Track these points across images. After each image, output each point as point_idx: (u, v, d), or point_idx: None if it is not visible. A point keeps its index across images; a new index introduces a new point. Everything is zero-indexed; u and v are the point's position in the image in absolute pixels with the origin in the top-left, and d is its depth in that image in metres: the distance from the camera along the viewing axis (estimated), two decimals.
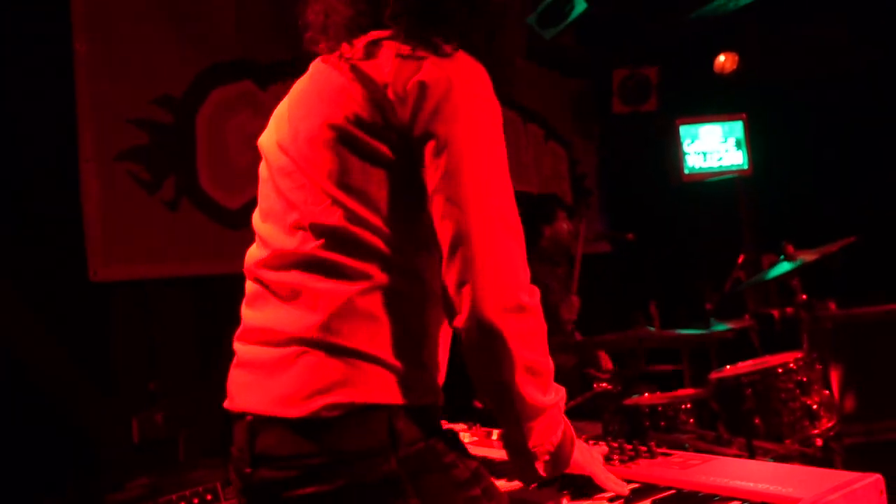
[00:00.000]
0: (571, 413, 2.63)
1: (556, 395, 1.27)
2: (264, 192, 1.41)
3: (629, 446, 1.60)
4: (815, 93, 5.60)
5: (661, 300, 4.66)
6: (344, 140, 1.24)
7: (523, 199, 3.70)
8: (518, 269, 1.22)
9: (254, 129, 1.56)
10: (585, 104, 5.67)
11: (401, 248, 1.25)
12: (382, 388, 1.21)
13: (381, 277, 1.23)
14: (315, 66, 1.41)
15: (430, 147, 1.20)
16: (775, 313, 4.37)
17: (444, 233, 1.20)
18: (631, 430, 3.25)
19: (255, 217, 1.41)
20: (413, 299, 1.28)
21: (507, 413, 1.23)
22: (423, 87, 1.20)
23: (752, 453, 2.50)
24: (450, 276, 1.20)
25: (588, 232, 4.63)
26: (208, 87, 3.41)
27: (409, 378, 1.24)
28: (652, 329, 2.74)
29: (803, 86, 5.62)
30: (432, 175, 1.21)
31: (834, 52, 5.48)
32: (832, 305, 4.44)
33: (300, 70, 1.45)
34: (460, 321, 1.19)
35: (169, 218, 3.29)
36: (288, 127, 1.36)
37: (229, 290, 1.62)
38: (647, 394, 3.46)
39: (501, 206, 1.22)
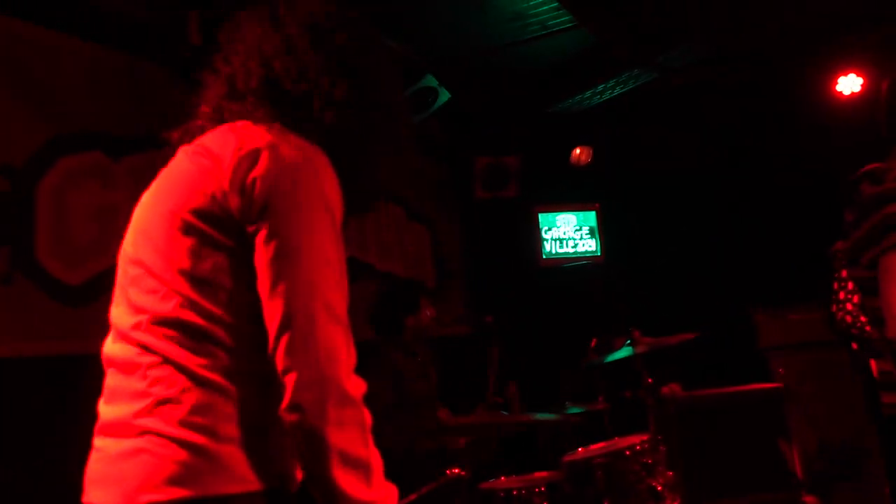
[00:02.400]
0: (424, 500, 2.60)
1: (384, 492, 1.27)
2: (118, 288, 1.39)
3: None
4: (663, 187, 6.05)
5: (522, 382, 4.75)
6: (190, 232, 1.27)
7: (387, 281, 3.70)
8: (340, 359, 1.24)
9: (103, 201, 1.54)
10: (449, 188, 5.84)
11: (247, 337, 1.27)
12: (226, 478, 1.21)
13: (226, 368, 1.25)
14: (177, 154, 1.43)
15: (260, 238, 1.24)
16: (627, 395, 4.55)
17: (270, 322, 1.23)
18: None
19: (112, 309, 1.39)
20: (258, 389, 1.28)
21: None
22: (256, 180, 1.25)
23: None
24: (276, 364, 1.22)
25: (447, 314, 4.70)
26: (54, 157, 3.23)
27: (255, 466, 1.24)
28: (505, 413, 2.76)
29: (652, 180, 6.06)
30: (261, 265, 1.24)
31: (681, 150, 5.97)
32: (676, 388, 4.68)
33: (155, 144, 1.46)
34: (283, 408, 1.21)
35: (0, 293, 3.04)
36: (143, 219, 1.38)
37: (67, 372, 1.53)
38: (502, 477, 3.48)
39: (327, 296, 1.25)
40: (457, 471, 2.55)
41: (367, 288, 4.69)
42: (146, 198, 1.42)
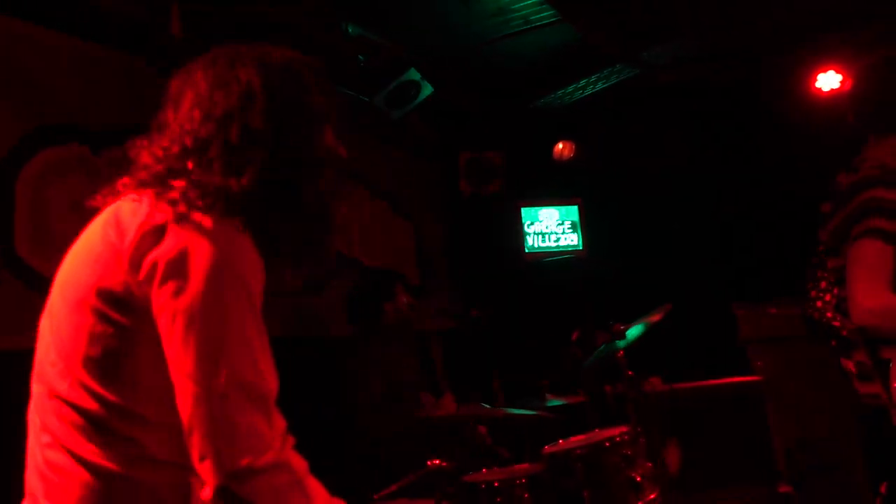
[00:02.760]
0: (405, 491, 2.62)
1: None
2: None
3: None
4: (645, 182, 6.09)
5: (505, 376, 4.77)
6: (93, 313, 1.23)
7: (366, 277, 3.71)
8: (255, 433, 1.19)
9: (83, 194, 1.51)
10: (433, 183, 5.85)
11: (155, 425, 1.23)
12: None
13: (128, 456, 1.22)
14: (95, 219, 1.38)
15: (165, 319, 1.19)
16: (608, 388, 4.59)
17: (182, 406, 1.19)
18: None
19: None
20: (170, 477, 1.26)
21: None
22: (158, 258, 1.20)
23: None
24: (192, 452, 1.18)
25: (432, 308, 4.72)
26: (34, 149, 3.21)
27: None
28: (487, 406, 2.78)
29: (635, 175, 6.09)
30: (169, 348, 1.20)
31: (663, 146, 6.01)
32: (656, 381, 4.73)
33: (139, 135, 1.42)
34: (207, 495, 1.17)
35: None
36: (56, 290, 1.34)
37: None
38: (484, 469, 3.50)
39: (241, 376, 1.19)
40: (438, 462, 2.56)
41: (351, 282, 4.70)
42: (63, 266, 1.37)
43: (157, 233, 1.21)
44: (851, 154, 2.28)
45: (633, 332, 3.55)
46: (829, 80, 5.18)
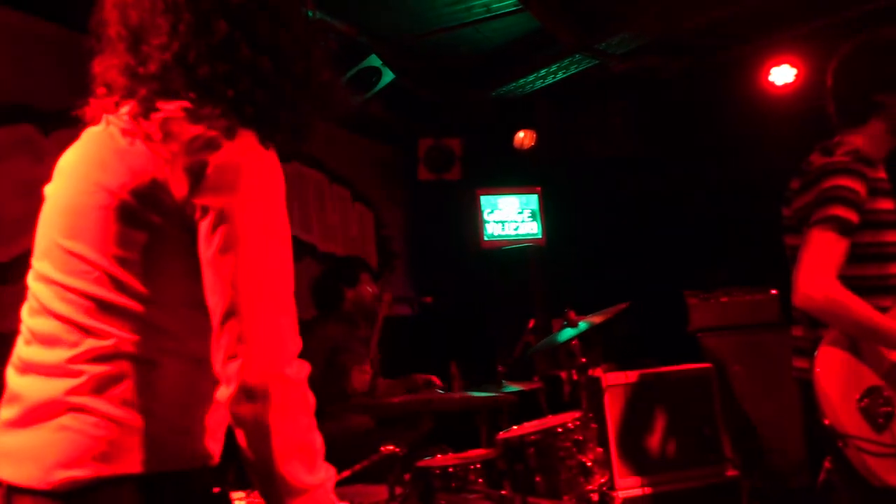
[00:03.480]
0: (357, 477, 2.64)
1: (324, 475, 1.27)
2: (41, 262, 1.34)
3: None
4: (603, 171, 6.16)
5: (462, 362, 4.81)
6: (127, 214, 1.24)
7: (328, 261, 3.71)
8: (285, 343, 1.24)
9: (32, 176, 1.48)
10: (392, 169, 5.85)
11: (183, 319, 1.27)
12: (154, 458, 1.21)
13: (161, 348, 1.25)
14: (94, 131, 1.38)
15: (206, 223, 1.22)
16: (563, 375, 4.66)
17: (214, 307, 1.22)
18: (421, 493, 3.30)
19: (30, 275, 1.35)
20: (190, 368, 1.28)
21: (270, 492, 1.22)
22: (203, 164, 1.22)
23: None
24: (218, 350, 1.21)
25: (389, 295, 4.73)
26: None
27: (183, 447, 1.26)
28: (441, 391, 2.81)
29: (593, 164, 6.17)
30: (205, 250, 1.23)
31: (622, 136, 6.09)
32: (611, 368, 4.81)
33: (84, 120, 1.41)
34: (225, 394, 1.20)
35: None
36: (67, 197, 1.33)
37: None
38: (439, 455, 3.55)
39: (272, 282, 1.24)
40: (391, 448, 2.58)
41: (310, 268, 4.70)
42: (68, 173, 1.37)
43: (210, 144, 1.24)
44: (824, 136, 2.28)
45: (586, 325, 3.61)
46: (782, 74, 5.27)
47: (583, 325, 3.63)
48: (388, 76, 4.52)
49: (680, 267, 5.72)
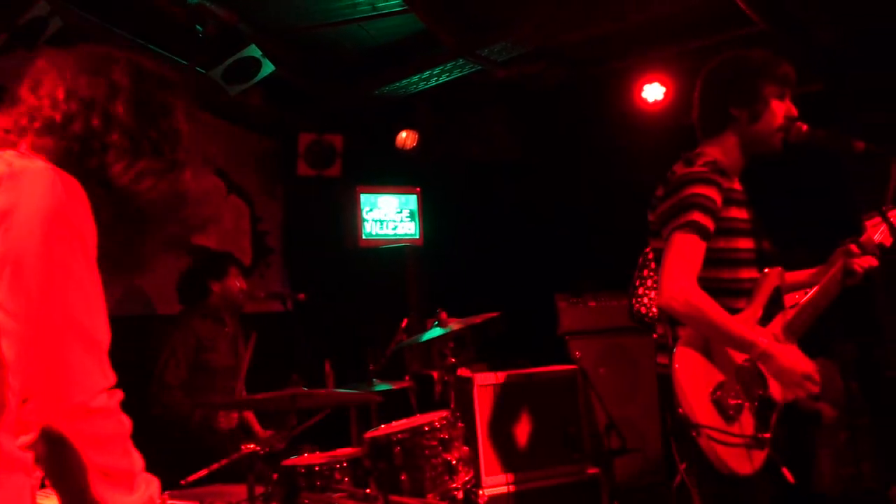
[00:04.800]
0: (217, 476, 2.57)
1: (145, 491, 1.27)
2: None
3: None
4: (482, 175, 6.27)
5: (336, 361, 4.78)
6: None
7: (197, 254, 3.57)
8: (84, 374, 1.21)
9: None
10: (271, 163, 5.72)
11: None
12: None
13: None
14: None
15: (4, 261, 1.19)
16: (434, 375, 4.70)
17: (18, 346, 1.18)
18: (286, 492, 3.25)
19: None
20: None
21: None
22: None
23: None
24: (22, 390, 1.17)
25: (262, 290, 4.64)
26: None
27: None
28: (305, 388, 2.77)
29: (473, 167, 6.27)
30: (6, 288, 1.19)
31: (501, 141, 6.21)
32: (482, 368, 4.90)
33: None
34: (27, 436, 1.17)
35: None
36: None
37: None
38: (306, 454, 3.51)
39: (77, 318, 1.21)
40: (252, 447, 2.53)
41: (178, 260, 4.53)
42: None
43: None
44: (687, 148, 2.43)
45: (453, 326, 3.67)
46: (653, 92, 5.52)
47: (451, 326, 3.68)
48: (268, 68, 4.41)
49: (552, 271, 5.91)
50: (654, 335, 2.46)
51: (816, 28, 4.86)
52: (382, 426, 3.57)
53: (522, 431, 4.55)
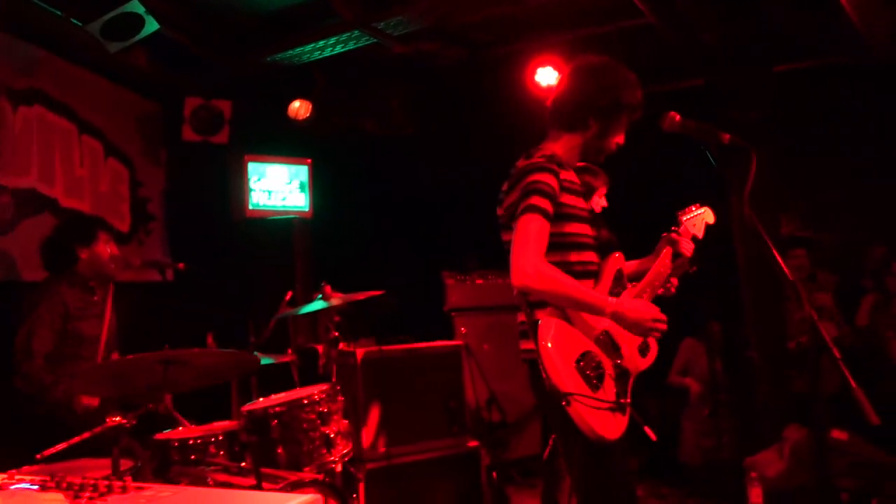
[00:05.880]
0: (78, 449, 2.46)
1: None
2: None
3: (104, 482, 1.54)
4: (375, 149, 6.23)
5: (218, 333, 4.66)
6: None
7: (64, 218, 3.37)
8: None
9: None
10: (154, 126, 5.48)
11: None
12: None
13: None
14: None
15: None
16: (319, 348, 4.68)
17: None
18: (157, 466, 3.17)
19: None
20: None
21: None
22: None
23: (259, 482, 2.59)
24: None
25: (138, 258, 4.45)
26: None
27: None
28: (177, 353, 2.67)
29: (365, 141, 6.21)
30: None
31: (395, 115, 6.18)
32: (370, 343, 4.91)
33: None
34: None
35: None
36: None
37: None
38: (180, 427, 3.42)
39: None
40: (119, 419, 2.43)
41: (47, 223, 4.29)
42: None
43: None
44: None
45: (337, 300, 3.65)
46: (546, 76, 5.61)
47: (334, 300, 3.66)
48: (151, 26, 4.20)
49: (442, 248, 5.97)
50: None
51: (701, 26, 5.07)
52: (261, 399, 3.53)
53: (405, 406, 4.59)
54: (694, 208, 2.76)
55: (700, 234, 2.75)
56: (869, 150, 6.08)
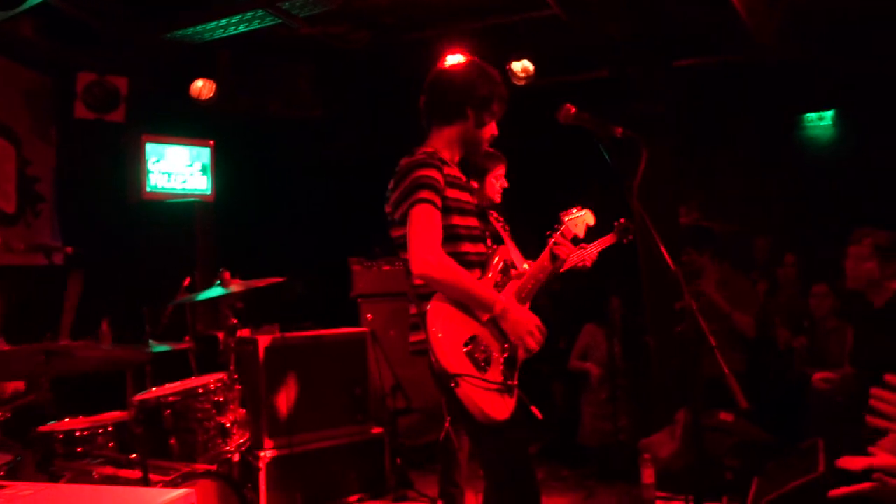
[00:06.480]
0: None
1: None
2: None
3: None
4: (281, 132, 6.10)
5: (115, 319, 4.48)
6: None
7: None
8: None
9: None
10: (44, 102, 5.19)
11: None
12: None
13: None
14: None
15: None
16: (220, 335, 4.56)
17: None
18: (41, 459, 3.03)
19: None
20: None
21: None
22: None
23: (145, 475, 2.51)
24: None
25: (22, 241, 4.23)
26: None
27: None
28: (59, 345, 2.57)
29: (271, 124, 6.07)
30: None
31: (302, 98, 6.06)
32: (274, 330, 4.83)
33: None
34: None
35: None
36: None
37: None
38: (67, 419, 3.28)
39: None
40: None
41: None
42: None
43: None
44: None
45: (238, 286, 3.57)
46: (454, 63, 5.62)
47: (233, 286, 3.58)
48: None
49: (348, 234, 5.91)
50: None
51: (605, 18, 5.18)
52: (154, 389, 3.42)
53: (308, 393, 4.55)
54: (575, 210, 2.87)
55: (581, 234, 2.87)
56: (762, 144, 6.39)
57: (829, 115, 6.54)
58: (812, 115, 6.58)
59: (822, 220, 5.80)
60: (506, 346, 2.42)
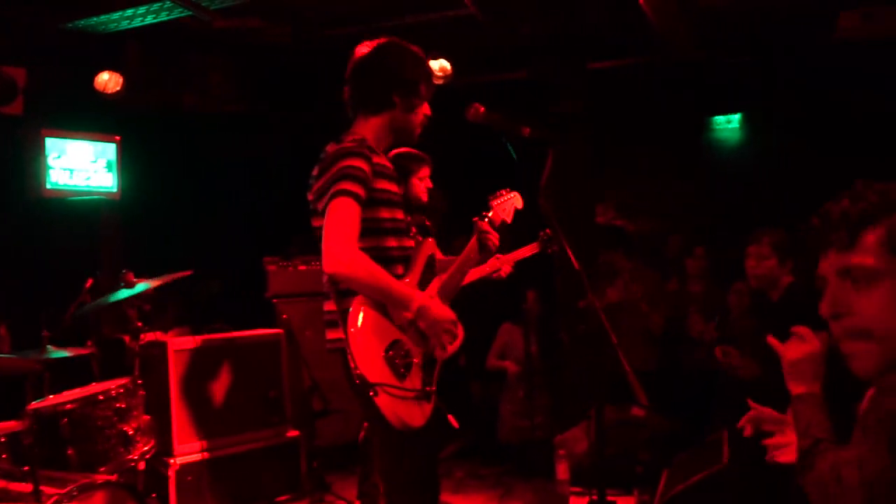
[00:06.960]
0: None
1: None
2: None
3: None
4: (192, 126, 5.91)
5: (14, 323, 4.26)
6: None
7: None
8: None
9: None
10: None
11: None
12: None
13: None
14: None
15: None
16: (126, 339, 4.38)
17: None
18: None
19: None
20: None
21: None
22: None
23: (36, 487, 2.38)
24: None
25: None
26: None
27: None
28: None
29: (182, 118, 5.88)
30: None
31: (211, 92, 5.89)
32: (185, 332, 4.67)
33: None
34: None
35: None
36: None
37: None
38: None
39: None
40: None
41: None
42: None
43: None
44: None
45: (143, 286, 3.44)
46: None
47: (140, 287, 3.44)
48: None
49: (263, 233, 5.78)
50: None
51: (520, 19, 5.22)
52: (51, 396, 3.25)
53: (221, 397, 4.43)
54: (503, 193, 2.80)
55: (509, 219, 2.80)
56: (674, 146, 6.57)
57: (736, 118, 6.78)
58: (720, 118, 6.81)
59: (731, 219, 6.00)
60: (423, 350, 2.36)
